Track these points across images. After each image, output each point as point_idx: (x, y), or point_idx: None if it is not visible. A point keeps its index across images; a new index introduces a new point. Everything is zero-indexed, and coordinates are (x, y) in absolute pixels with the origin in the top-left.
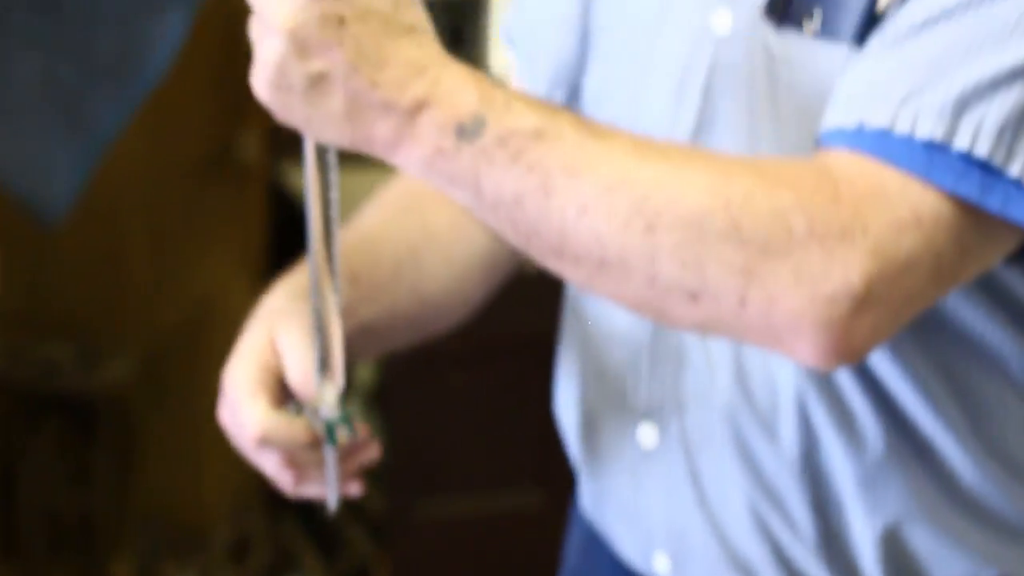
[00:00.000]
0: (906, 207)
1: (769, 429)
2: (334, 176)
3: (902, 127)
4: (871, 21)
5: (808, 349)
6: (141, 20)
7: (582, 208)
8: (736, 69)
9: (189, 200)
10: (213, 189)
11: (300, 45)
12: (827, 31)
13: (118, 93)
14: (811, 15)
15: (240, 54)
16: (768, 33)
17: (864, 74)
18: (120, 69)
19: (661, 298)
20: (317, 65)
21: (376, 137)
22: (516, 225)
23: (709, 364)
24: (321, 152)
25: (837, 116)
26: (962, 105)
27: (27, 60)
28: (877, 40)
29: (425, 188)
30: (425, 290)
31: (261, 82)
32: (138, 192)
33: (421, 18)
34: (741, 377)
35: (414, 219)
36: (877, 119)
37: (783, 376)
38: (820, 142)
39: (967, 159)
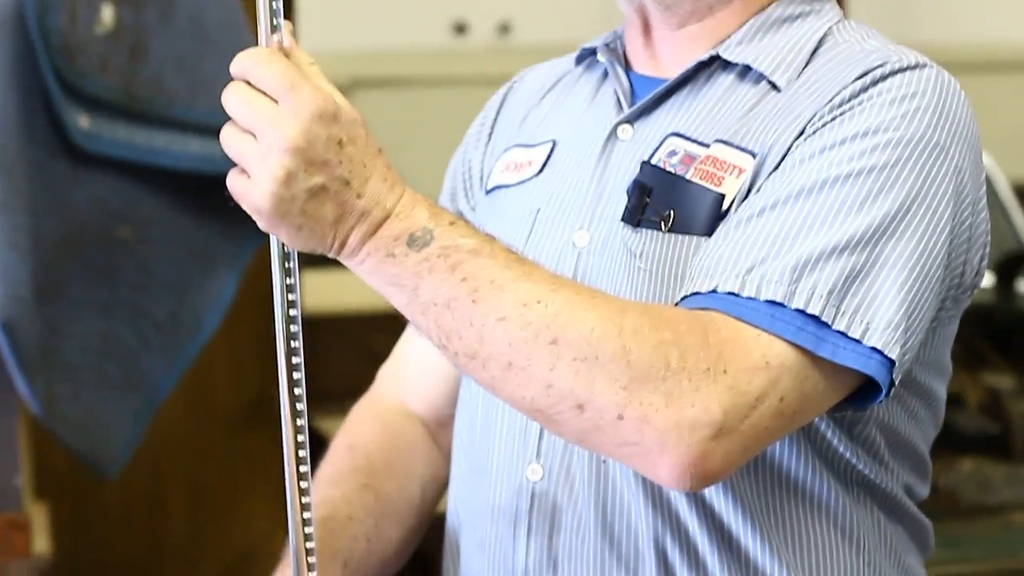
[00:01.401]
0: (758, 353)
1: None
2: (296, 280)
3: (749, 291)
4: (718, 217)
5: (669, 467)
6: (194, 283)
7: (501, 317)
8: (598, 273)
9: (229, 450)
10: (252, 438)
11: (308, 161)
12: (680, 228)
13: (173, 352)
14: (667, 216)
15: None
16: (627, 235)
17: (715, 252)
18: (174, 330)
19: (554, 404)
20: (319, 178)
21: (347, 242)
22: (441, 326)
23: (579, 526)
24: (284, 260)
25: (694, 284)
26: (797, 274)
27: (86, 323)
28: (724, 227)
29: (373, 463)
30: (383, 553)
31: (263, 192)
32: (178, 442)
33: (379, 144)
34: (607, 531)
35: (370, 495)
36: (727, 285)
37: (643, 526)
38: (680, 306)
39: (803, 315)
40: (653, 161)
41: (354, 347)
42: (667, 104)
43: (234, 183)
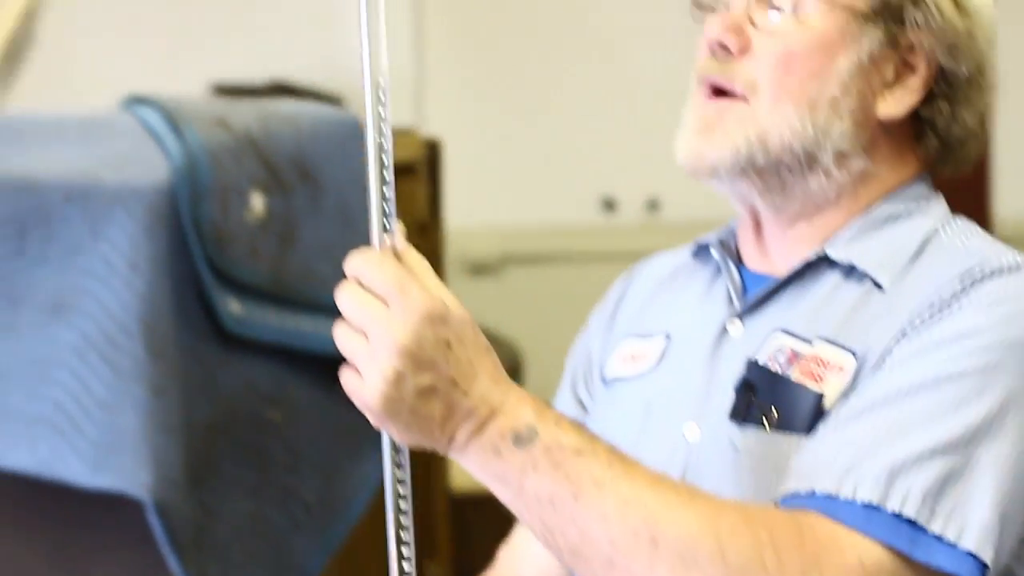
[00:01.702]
0: (853, 555)
1: None
2: (407, 474)
3: (846, 492)
4: (819, 415)
5: None
6: (342, 466)
7: (602, 516)
8: (706, 466)
9: None
10: None
11: (417, 362)
12: (783, 426)
13: (322, 533)
14: (770, 414)
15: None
16: (733, 432)
17: (813, 452)
18: (324, 511)
19: None
20: (428, 379)
21: (454, 438)
22: (545, 522)
23: None
24: (395, 452)
25: (794, 484)
26: (893, 476)
27: (237, 504)
28: (823, 427)
29: None
30: None
31: (373, 391)
32: None
33: (487, 341)
34: None
35: None
36: (825, 486)
37: None
38: (779, 505)
39: (898, 518)
40: (759, 359)
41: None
42: (777, 300)
43: (347, 380)
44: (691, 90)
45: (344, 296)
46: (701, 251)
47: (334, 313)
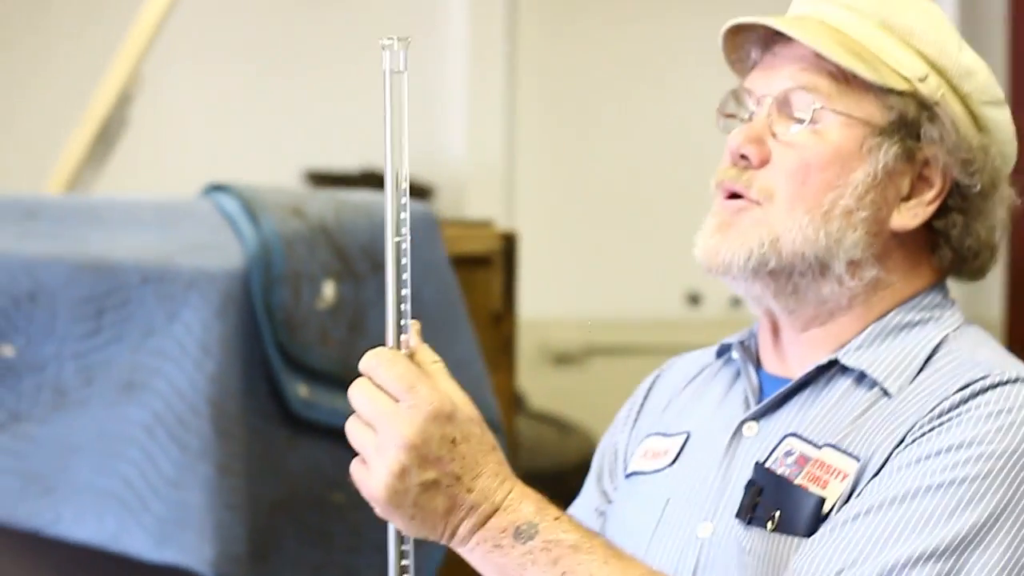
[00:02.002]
0: None
1: None
2: (410, 562)
3: None
4: (819, 519)
5: None
6: None
7: None
8: (716, 564)
9: None
10: None
11: (422, 457)
12: (784, 528)
13: None
14: (774, 516)
15: None
16: (739, 532)
17: (810, 553)
18: None
19: None
20: (432, 474)
21: (457, 532)
22: None
23: None
24: (400, 542)
25: None
26: None
27: None
28: (822, 529)
29: None
30: None
31: (379, 483)
32: None
33: (494, 439)
34: None
35: None
36: None
37: None
38: None
39: None
40: (767, 462)
41: None
42: (790, 404)
43: (355, 471)
44: (711, 194)
45: (356, 391)
46: (724, 352)
47: None
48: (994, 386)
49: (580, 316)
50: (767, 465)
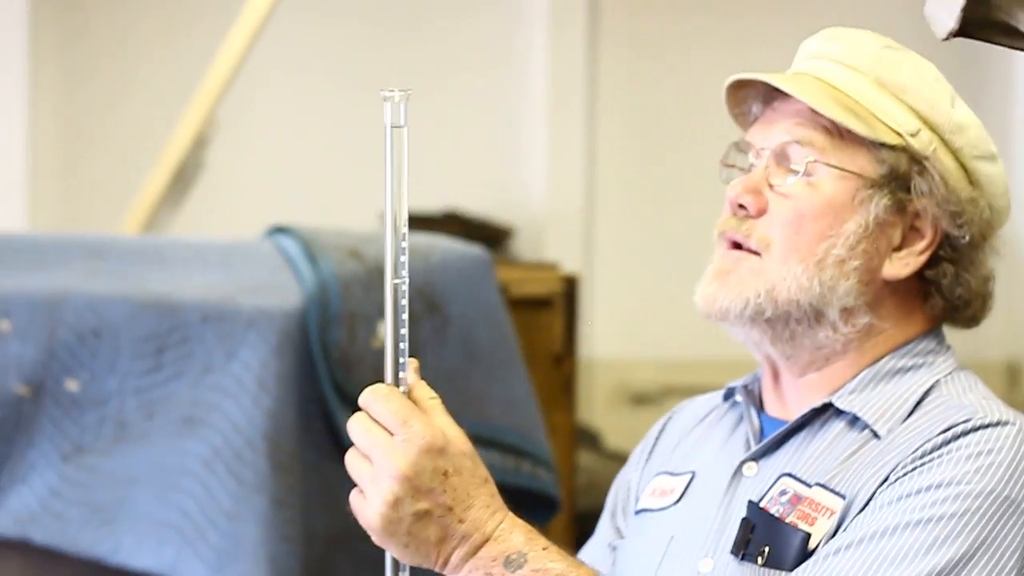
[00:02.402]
0: None
1: None
2: None
3: None
4: (805, 555)
5: None
6: None
7: None
8: None
9: None
10: None
11: (415, 488)
12: (772, 563)
13: None
14: (764, 552)
15: None
16: (733, 567)
17: None
18: None
19: None
20: (424, 504)
21: (450, 560)
22: None
23: None
24: (396, 570)
25: None
26: None
27: None
28: (805, 564)
29: None
30: None
31: (374, 513)
32: None
33: (486, 472)
34: None
35: None
36: None
37: None
38: None
39: None
40: (762, 501)
41: None
42: (787, 445)
43: (353, 501)
44: (713, 243)
45: (354, 424)
46: (730, 395)
47: None
48: (976, 428)
49: (658, 356)
50: (761, 504)
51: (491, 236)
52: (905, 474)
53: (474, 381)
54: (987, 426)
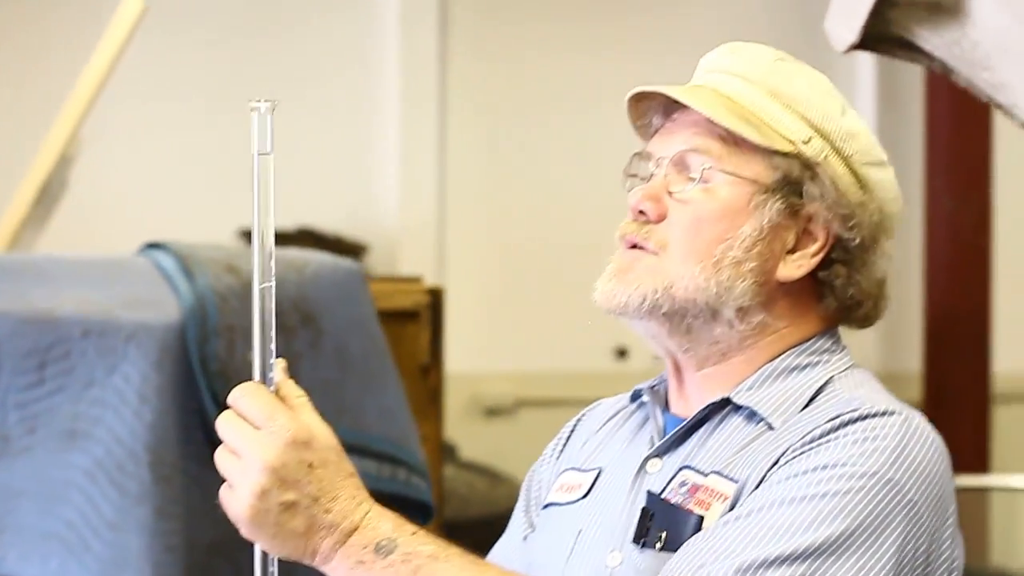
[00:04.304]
0: None
1: None
2: None
3: None
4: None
5: None
6: None
7: None
8: None
9: None
10: None
11: (281, 479)
12: (669, 547)
13: None
14: (660, 538)
15: None
16: (635, 555)
17: (680, 554)
18: None
19: None
20: (291, 495)
21: (319, 550)
22: None
23: None
24: (264, 564)
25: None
26: (740, 574)
27: None
28: (692, 537)
29: None
30: None
31: (242, 504)
32: None
33: (352, 467)
34: None
35: None
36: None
37: None
38: None
39: None
40: (663, 493)
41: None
42: (690, 441)
43: (223, 495)
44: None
45: (222, 421)
46: (638, 396)
47: None
48: (863, 417)
49: (510, 370)
50: (662, 495)
51: (345, 252)
52: (794, 457)
53: (349, 391)
54: (874, 415)
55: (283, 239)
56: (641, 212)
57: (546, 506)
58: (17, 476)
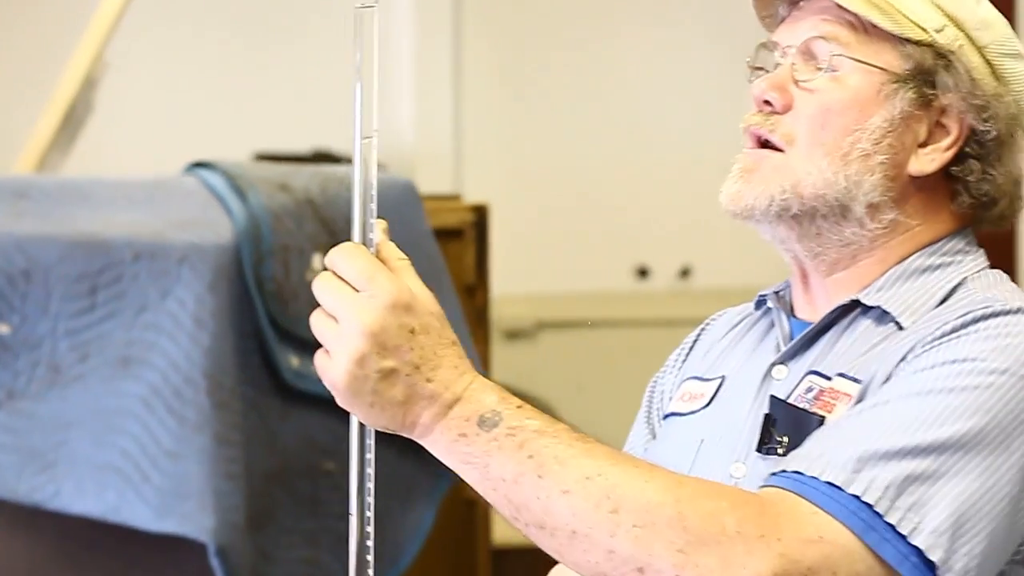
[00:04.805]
0: (812, 528)
1: None
2: (371, 456)
3: (813, 471)
4: None
5: None
6: (395, 514)
7: (565, 489)
8: None
9: None
10: None
11: (381, 345)
12: (792, 450)
13: None
14: (783, 442)
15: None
16: (759, 463)
17: (803, 446)
18: (376, 559)
19: (616, 568)
20: (390, 362)
21: (418, 422)
22: (511, 500)
23: None
24: (362, 435)
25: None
26: (861, 464)
27: (294, 550)
28: (815, 431)
29: None
30: None
31: (339, 370)
32: None
33: (455, 336)
34: None
35: None
36: (795, 466)
37: None
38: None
39: (858, 501)
40: (787, 397)
41: None
42: (816, 345)
43: (318, 361)
44: (740, 140)
45: (319, 283)
46: (762, 303)
47: None
48: (996, 314)
49: (529, 291)
50: (786, 401)
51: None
52: (924, 351)
53: None
54: (1009, 312)
55: (299, 162)
56: (766, 102)
57: (667, 415)
58: (70, 406)
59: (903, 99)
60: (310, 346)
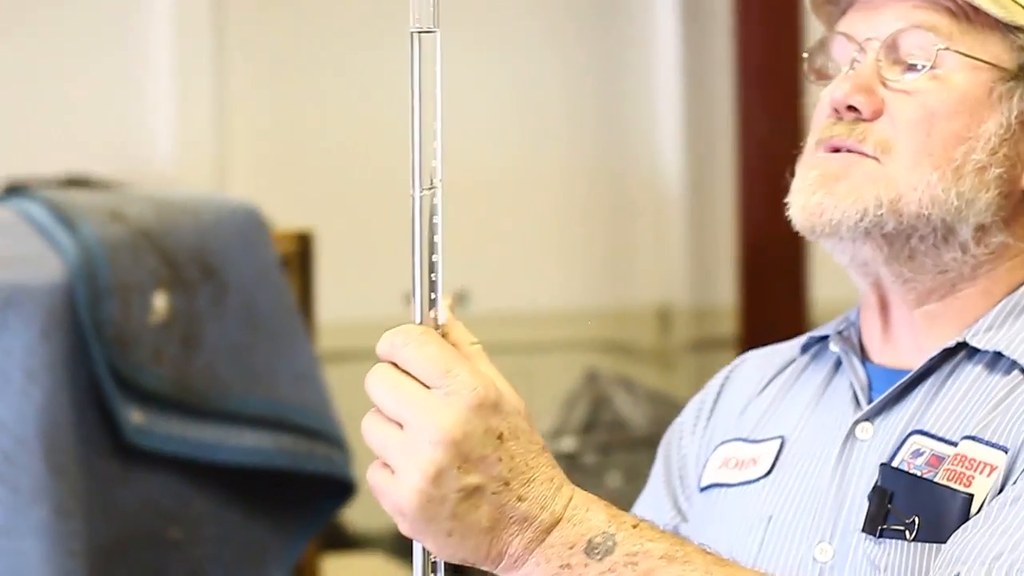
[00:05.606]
0: None
1: None
2: None
3: None
4: (966, 520)
5: None
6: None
7: None
8: None
9: None
10: None
11: (463, 456)
12: (928, 536)
13: None
14: (912, 524)
15: None
16: (869, 548)
17: (962, 539)
18: None
19: None
20: (475, 478)
21: (507, 551)
22: None
23: None
24: (430, 572)
25: (938, 572)
26: None
27: None
28: (974, 518)
29: None
30: None
31: (409, 490)
32: None
33: (541, 438)
34: None
35: None
36: (973, 572)
37: None
38: None
39: None
40: (895, 463)
41: None
42: (909, 398)
43: (375, 478)
44: (807, 153)
45: (375, 379)
46: (812, 344)
47: (239, 421)
48: None
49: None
50: (895, 466)
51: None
52: None
53: (259, 356)
54: None
55: (49, 189)
56: (850, 108)
57: (707, 488)
58: None
59: (1021, 100)
60: (153, 398)
